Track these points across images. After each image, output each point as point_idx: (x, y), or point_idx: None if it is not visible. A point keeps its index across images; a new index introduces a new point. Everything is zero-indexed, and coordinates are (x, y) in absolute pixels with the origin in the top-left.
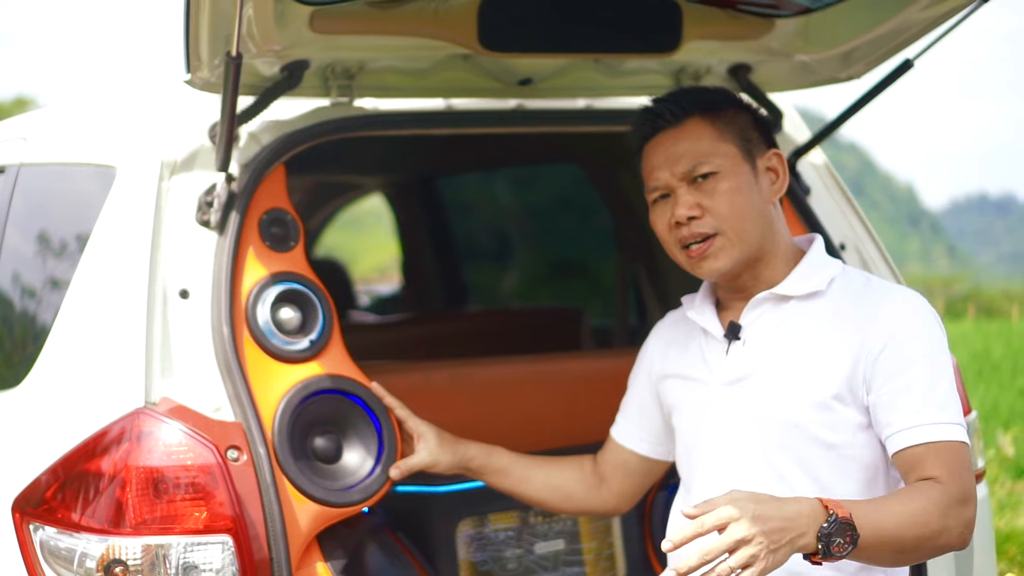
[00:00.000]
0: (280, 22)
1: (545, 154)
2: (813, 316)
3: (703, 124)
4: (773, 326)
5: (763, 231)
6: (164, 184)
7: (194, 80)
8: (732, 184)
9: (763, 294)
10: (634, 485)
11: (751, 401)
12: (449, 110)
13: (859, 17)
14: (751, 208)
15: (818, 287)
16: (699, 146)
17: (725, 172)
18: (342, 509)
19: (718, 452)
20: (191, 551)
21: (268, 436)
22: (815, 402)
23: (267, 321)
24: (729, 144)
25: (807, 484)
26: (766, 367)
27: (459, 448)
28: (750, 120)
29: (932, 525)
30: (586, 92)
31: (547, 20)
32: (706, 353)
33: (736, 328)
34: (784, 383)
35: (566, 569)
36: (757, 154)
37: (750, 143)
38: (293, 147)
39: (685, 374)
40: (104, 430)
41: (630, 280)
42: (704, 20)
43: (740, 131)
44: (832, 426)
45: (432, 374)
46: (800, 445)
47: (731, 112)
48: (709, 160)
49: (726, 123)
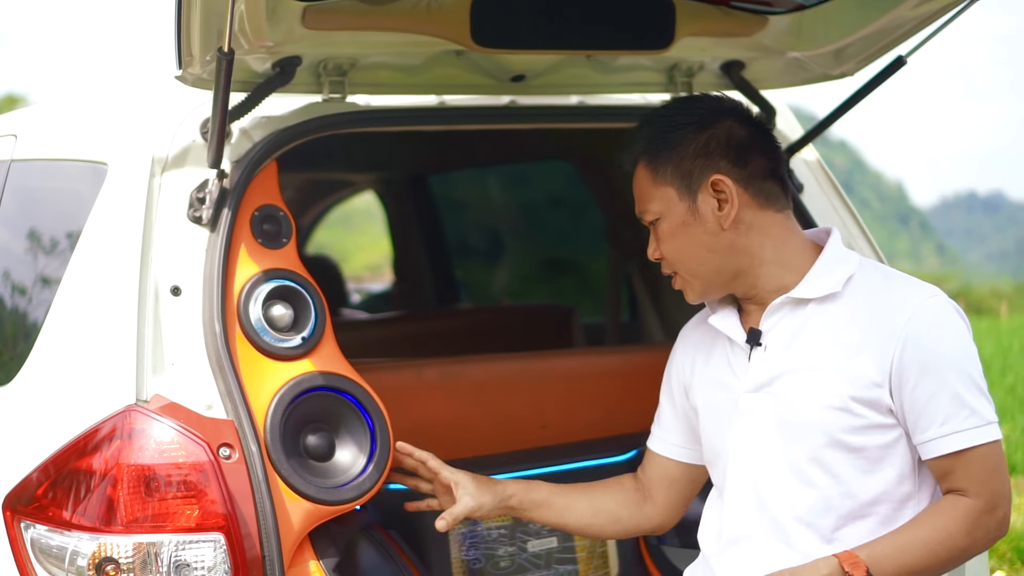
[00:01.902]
0: (272, 18)
1: (537, 151)
2: (832, 319)
3: (644, 170)
4: (792, 330)
5: (720, 260)
6: (155, 181)
7: (186, 76)
8: (670, 228)
9: (780, 299)
10: (680, 496)
11: (775, 407)
12: (441, 106)
13: (852, 14)
14: (693, 247)
15: (834, 288)
16: (641, 194)
17: (664, 216)
18: (334, 507)
19: (746, 458)
20: (183, 549)
21: (260, 434)
22: (838, 407)
23: (259, 318)
24: (665, 186)
25: (834, 487)
26: (787, 373)
27: (497, 488)
28: (697, 146)
29: (959, 546)
30: (579, 89)
31: (540, 16)
32: (731, 359)
33: (756, 334)
34: (807, 388)
35: (559, 567)
36: (697, 186)
37: (689, 178)
38: (285, 143)
39: (712, 379)
40: (95, 427)
41: (622, 278)
42: (697, 17)
43: (677, 167)
44: (856, 430)
45: (423, 371)
46: (825, 449)
47: (675, 143)
48: (648, 208)
49: (665, 160)
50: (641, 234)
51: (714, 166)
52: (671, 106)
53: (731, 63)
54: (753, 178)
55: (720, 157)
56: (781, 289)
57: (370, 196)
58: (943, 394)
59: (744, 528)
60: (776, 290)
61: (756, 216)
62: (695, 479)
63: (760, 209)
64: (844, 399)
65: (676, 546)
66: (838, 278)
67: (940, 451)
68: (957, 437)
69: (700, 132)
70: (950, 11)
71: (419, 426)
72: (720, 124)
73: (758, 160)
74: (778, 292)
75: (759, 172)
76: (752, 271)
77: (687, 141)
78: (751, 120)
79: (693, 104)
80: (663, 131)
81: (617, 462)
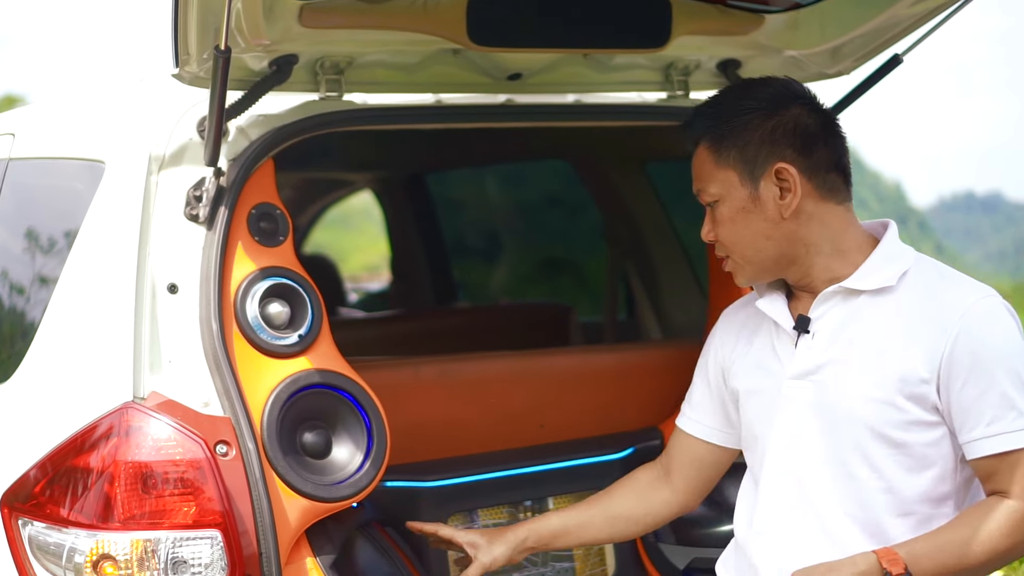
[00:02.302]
0: (269, 16)
1: (535, 150)
2: (884, 312)
3: (706, 151)
4: (842, 321)
5: (776, 248)
6: (152, 179)
7: (182, 75)
8: (729, 212)
9: (832, 288)
10: (705, 479)
11: (819, 396)
12: (438, 105)
13: (848, 13)
14: (751, 232)
15: (888, 282)
16: (701, 174)
17: (723, 199)
18: (331, 504)
19: (785, 445)
20: (180, 546)
21: (257, 431)
22: (884, 400)
23: (256, 316)
24: (727, 169)
25: (874, 480)
26: (835, 362)
27: (509, 538)
28: (763, 132)
29: (999, 548)
30: (575, 87)
31: (536, 15)
32: (776, 344)
33: (805, 321)
34: (853, 379)
35: (556, 564)
36: (760, 173)
37: (753, 164)
38: (282, 142)
39: (755, 363)
40: (93, 425)
41: (619, 276)
42: (694, 16)
43: (741, 152)
44: (901, 425)
45: (420, 369)
46: (867, 442)
47: (738, 128)
48: (707, 189)
49: (729, 144)
50: (636, 233)
51: (779, 154)
52: (738, 88)
53: (727, 62)
54: (817, 168)
55: (786, 145)
56: (834, 279)
57: (368, 196)
58: (992, 394)
59: (782, 516)
60: (829, 280)
61: (817, 207)
62: (722, 463)
63: (821, 200)
64: (890, 393)
65: (673, 543)
66: (893, 272)
67: (985, 451)
68: (1004, 438)
69: (767, 118)
70: (946, 10)
71: (416, 424)
72: (788, 111)
73: (823, 150)
74: (831, 282)
75: (824, 162)
76: (807, 260)
77: (753, 127)
78: (819, 108)
79: (762, 88)
80: (729, 114)
81: (614, 460)
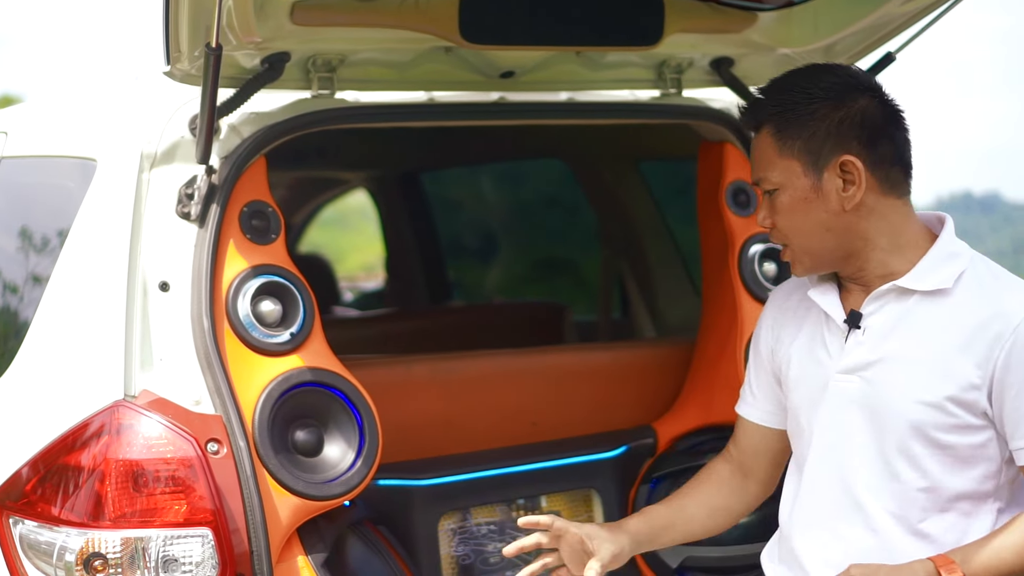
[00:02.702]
0: (261, 14)
1: (529, 148)
2: (937, 314)
3: (768, 137)
4: (894, 320)
5: (836, 241)
6: (144, 176)
7: (174, 72)
8: (789, 201)
9: (887, 286)
10: (779, 466)
11: (866, 393)
12: (431, 103)
13: (841, 11)
14: (811, 223)
15: (944, 284)
16: (763, 160)
17: (784, 188)
18: (323, 502)
19: (831, 438)
20: (171, 544)
21: (248, 429)
22: (932, 403)
23: (248, 314)
24: (790, 159)
25: (916, 478)
26: (884, 361)
27: (625, 528)
28: (830, 124)
29: None
30: (568, 85)
31: (529, 13)
32: (825, 335)
33: (857, 317)
34: (901, 380)
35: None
36: (825, 164)
37: (817, 155)
38: (274, 139)
39: (803, 351)
40: (84, 423)
41: (614, 275)
42: (686, 13)
43: (806, 143)
44: (947, 428)
45: (413, 367)
46: (912, 442)
47: (804, 117)
48: (769, 177)
49: (794, 133)
50: (630, 232)
51: (845, 146)
52: (805, 75)
53: (721, 59)
54: (882, 162)
55: (852, 137)
56: (889, 276)
57: (364, 195)
58: None
59: (825, 509)
60: (884, 276)
61: (878, 201)
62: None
63: (883, 194)
64: (939, 397)
65: None
66: (949, 274)
67: None
68: None
69: (835, 109)
70: (938, 8)
71: (409, 422)
72: (856, 102)
73: (888, 143)
74: (885, 278)
75: (888, 156)
76: (864, 254)
77: (820, 117)
78: (886, 100)
79: (829, 76)
80: (795, 103)
81: (607, 458)
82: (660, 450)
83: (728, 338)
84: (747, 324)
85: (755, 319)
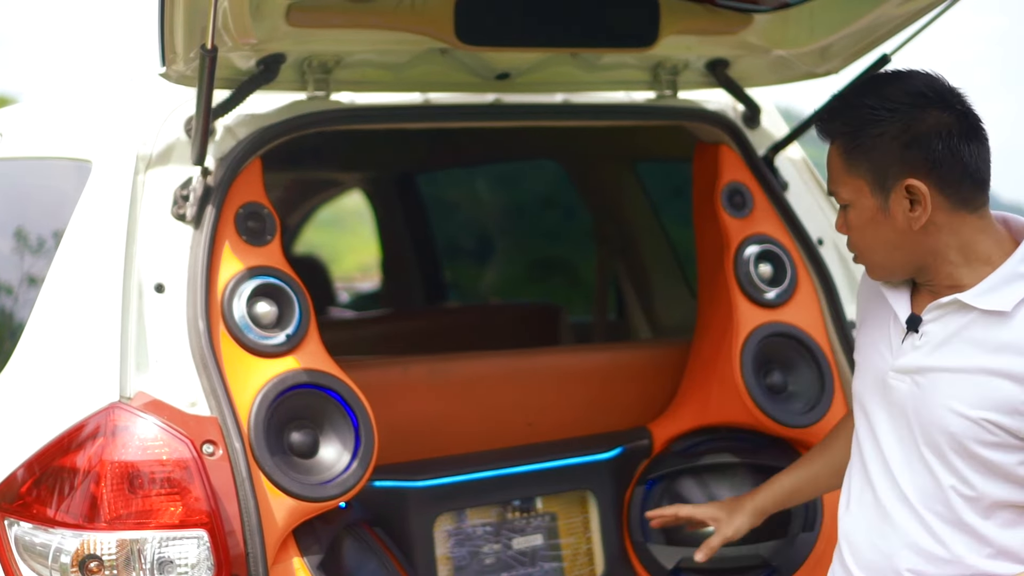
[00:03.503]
0: (256, 15)
1: (524, 149)
2: (993, 335)
3: (838, 154)
4: (952, 331)
5: (905, 257)
6: (140, 178)
7: (169, 73)
8: (857, 219)
9: (948, 299)
10: None
11: (915, 396)
12: (426, 104)
13: (836, 12)
14: (880, 241)
15: (1003, 307)
16: (833, 175)
17: (853, 205)
18: (319, 504)
19: (884, 430)
20: (166, 546)
21: (244, 431)
22: (976, 419)
23: (243, 315)
24: (857, 178)
25: (961, 487)
26: (936, 369)
27: (748, 507)
28: (897, 146)
29: None
30: (563, 87)
31: (524, 14)
32: (891, 330)
33: (916, 321)
34: (949, 391)
35: (544, 564)
36: (892, 186)
37: (883, 177)
38: (269, 141)
39: (872, 340)
40: (79, 425)
41: (609, 277)
42: (682, 15)
43: (873, 164)
44: (988, 444)
45: (410, 368)
46: (952, 453)
47: (872, 137)
48: (839, 192)
49: (861, 156)
50: (626, 233)
51: (911, 169)
52: (875, 89)
53: (716, 61)
54: (951, 180)
55: (919, 160)
56: (955, 287)
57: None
58: None
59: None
60: (951, 287)
61: (948, 218)
62: None
63: (953, 211)
64: (984, 414)
65: (662, 543)
66: (1012, 297)
67: None
68: None
69: (903, 131)
70: (934, 9)
71: (404, 423)
72: (926, 119)
73: (957, 162)
74: (952, 289)
75: (957, 173)
76: (934, 267)
77: (887, 139)
78: (960, 112)
79: (899, 91)
80: (862, 123)
81: (603, 460)
82: (656, 451)
83: (724, 339)
84: (742, 325)
85: (750, 320)
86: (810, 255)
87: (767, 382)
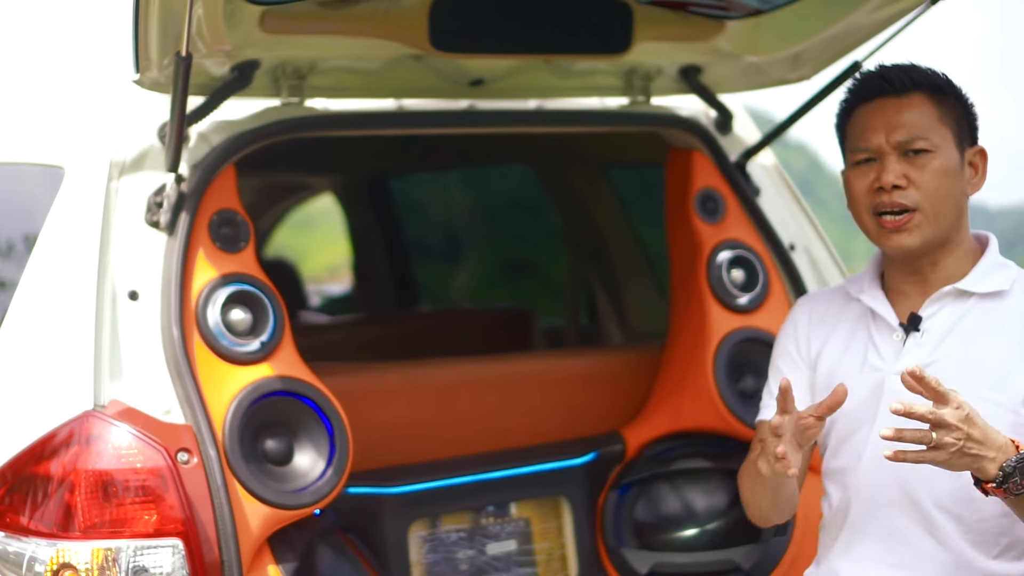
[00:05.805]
0: (230, 22)
1: (496, 154)
2: (995, 316)
3: (928, 102)
4: (953, 321)
5: (956, 218)
6: (113, 185)
7: (143, 80)
8: (942, 165)
9: (947, 289)
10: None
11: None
12: (400, 111)
13: (809, 19)
14: (952, 192)
15: (1003, 286)
16: (921, 121)
17: (939, 152)
18: (293, 511)
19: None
20: (141, 554)
21: (219, 438)
22: (990, 400)
23: (217, 323)
24: (946, 128)
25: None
26: (941, 361)
27: None
28: (963, 113)
29: None
30: (537, 93)
31: (498, 21)
32: (876, 338)
33: (917, 320)
34: (962, 381)
35: (518, 570)
36: (967, 145)
37: (962, 133)
38: (243, 147)
39: (851, 356)
40: (52, 433)
41: (581, 280)
42: (655, 22)
43: (956, 119)
44: (1008, 426)
45: (384, 375)
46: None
47: (951, 99)
48: (927, 137)
49: (947, 108)
50: (598, 238)
51: (974, 136)
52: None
53: (689, 68)
54: None
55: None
56: (948, 278)
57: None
58: None
59: (880, 506)
60: (944, 278)
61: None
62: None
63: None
64: (998, 395)
65: (635, 548)
66: (1007, 277)
67: None
68: None
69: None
70: (904, 16)
71: (379, 430)
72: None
73: None
74: (944, 280)
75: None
76: (950, 245)
77: (964, 103)
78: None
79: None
80: (941, 80)
81: (576, 465)
82: (629, 456)
83: (696, 345)
84: (715, 331)
85: (723, 326)
86: (782, 260)
87: (739, 387)
